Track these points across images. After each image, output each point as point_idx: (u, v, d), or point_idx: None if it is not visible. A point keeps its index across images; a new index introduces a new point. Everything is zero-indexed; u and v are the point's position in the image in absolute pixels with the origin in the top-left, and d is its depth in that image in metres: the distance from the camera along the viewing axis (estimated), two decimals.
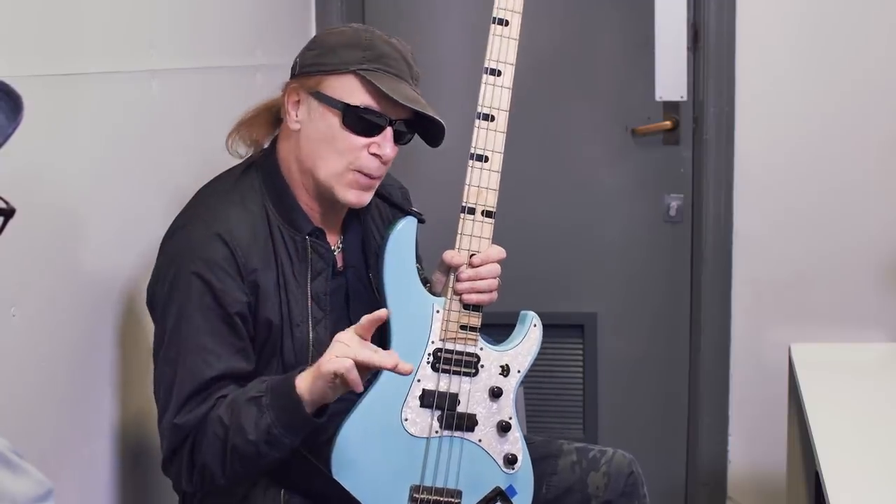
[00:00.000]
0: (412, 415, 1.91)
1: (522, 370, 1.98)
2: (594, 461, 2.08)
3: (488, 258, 1.93)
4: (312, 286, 1.91)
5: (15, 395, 1.66)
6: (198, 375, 1.80)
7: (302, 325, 1.89)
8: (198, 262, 1.81)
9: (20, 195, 1.06)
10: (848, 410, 2.32)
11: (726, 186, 3.09)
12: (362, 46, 1.86)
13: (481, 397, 1.95)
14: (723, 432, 3.18)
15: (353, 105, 1.85)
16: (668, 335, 3.27)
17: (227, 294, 1.81)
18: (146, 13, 2.11)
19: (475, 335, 1.94)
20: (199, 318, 1.81)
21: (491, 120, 1.91)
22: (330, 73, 1.86)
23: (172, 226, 1.91)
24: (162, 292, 1.85)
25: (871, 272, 3.03)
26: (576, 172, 3.26)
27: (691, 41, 3.09)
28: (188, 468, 1.83)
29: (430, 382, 1.92)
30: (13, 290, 1.64)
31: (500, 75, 1.91)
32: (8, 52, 1.60)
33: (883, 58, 2.98)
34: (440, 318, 1.92)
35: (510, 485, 1.97)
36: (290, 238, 1.90)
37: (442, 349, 1.92)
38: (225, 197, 1.91)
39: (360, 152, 1.86)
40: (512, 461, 1.96)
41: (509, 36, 1.91)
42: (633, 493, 2.07)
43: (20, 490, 1.06)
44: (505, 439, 1.96)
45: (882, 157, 2.99)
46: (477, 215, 1.93)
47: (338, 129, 1.85)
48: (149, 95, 2.12)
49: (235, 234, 1.84)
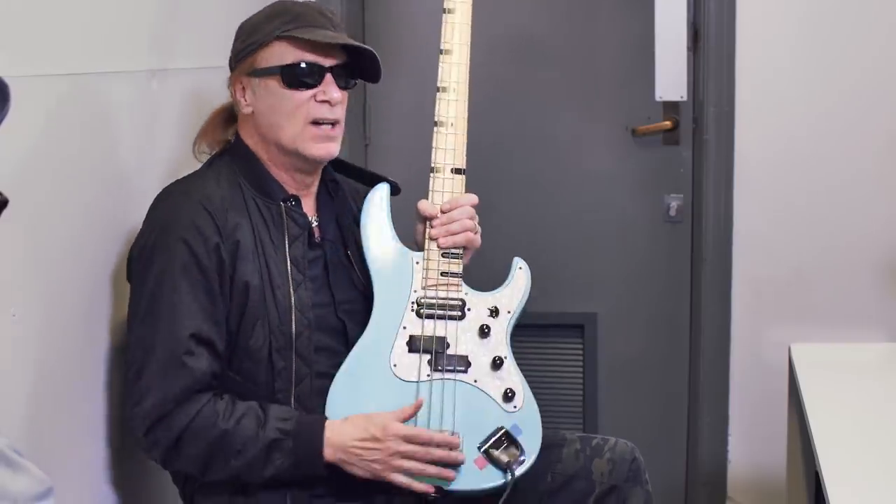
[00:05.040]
0: (401, 359, 1.95)
1: (513, 311, 2.03)
2: (598, 449, 2.10)
3: (456, 203, 2.03)
4: (290, 250, 1.96)
5: (15, 395, 1.66)
6: (177, 333, 1.84)
7: (283, 286, 1.93)
8: (179, 227, 1.88)
9: (20, 195, 1.06)
10: (848, 410, 2.32)
11: (726, 186, 3.08)
12: (277, 14, 1.98)
13: (471, 337, 1.99)
14: (723, 432, 3.18)
15: (286, 65, 1.94)
16: (668, 335, 3.26)
17: (207, 257, 1.87)
18: (146, 13, 2.11)
19: (457, 281, 2.01)
20: (180, 279, 1.86)
21: (449, 91, 2.08)
22: (258, 49, 1.96)
23: (152, 206, 1.97)
24: (144, 256, 1.90)
25: (872, 272, 3.02)
26: (576, 172, 3.25)
27: (691, 41, 3.09)
28: (167, 449, 1.86)
29: (416, 328, 1.97)
30: (13, 290, 1.64)
31: (451, 54, 2.09)
32: (8, 52, 1.60)
33: (882, 58, 2.97)
34: (420, 269, 2.00)
35: (514, 423, 1.96)
36: (265, 206, 1.97)
37: (425, 296, 1.99)
38: (199, 175, 2.00)
39: (308, 104, 1.95)
40: (510, 397, 1.96)
41: (458, 21, 2.10)
42: (636, 478, 2.09)
43: (20, 488, 1.06)
44: (500, 376, 1.97)
45: (882, 157, 2.99)
46: (446, 173, 2.05)
47: (281, 91, 1.95)
48: (149, 95, 2.12)
49: (213, 200, 1.92)
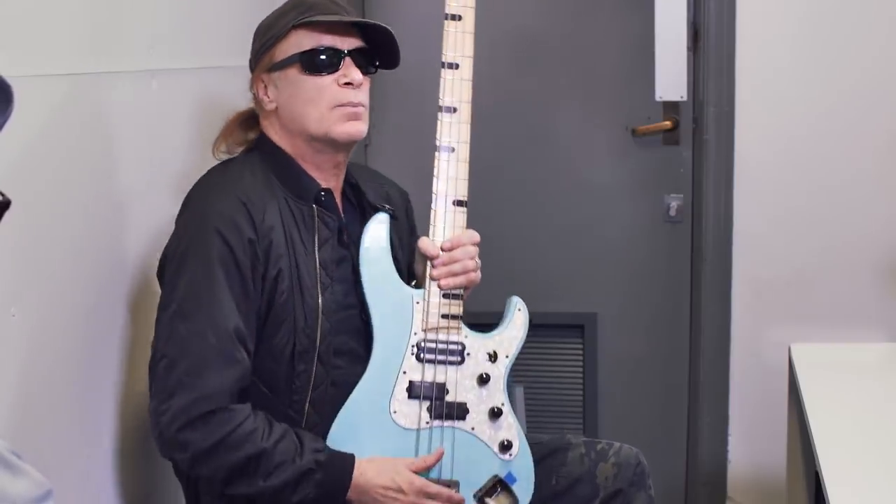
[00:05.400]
0: (401, 406, 1.92)
1: (511, 355, 1.99)
2: (602, 453, 2.10)
3: (458, 241, 1.96)
4: (320, 253, 1.94)
5: (15, 395, 1.66)
6: (218, 328, 1.81)
7: (311, 289, 1.91)
8: (215, 219, 1.86)
9: (20, 195, 1.06)
10: (848, 410, 2.32)
11: (726, 186, 3.09)
12: (292, 7, 1.97)
13: (470, 385, 1.95)
14: (723, 432, 3.18)
15: (305, 51, 1.93)
16: (668, 335, 3.26)
17: (242, 252, 1.85)
18: (146, 13, 2.11)
19: (458, 323, 1.96)
20: (218, 272, 1.83)
21: (454, 112, 1.95)
22: (275, 43, 1.96)
23: (187, 198, 1.96)
24: (179, 251, 1.87)
25: (872, 272, 3.02)
26: (576, 172, 3.26)
27: (691, 41, 3.09)
28: (201, 452, 1.82)
29: (415, 374, 1.93)
30: (13, 290, 1.64)
31: (458, 68, 1.95)
32: (8, 52, 1.59)
33: (882, 58, 2.97)
34: (421, 309, 1.95)
35: (508, 472, 1.96)
36: (297, 207, 1.94)
37: (425, 339, 1.94)
38: (236, 168, 1.98)
39: (331, 88, 1.93)
40: (507, 447, 1.96)
41: (464, 30, 1.95)
42: (640, 483, 2.09)
43: (19, 491, 1.05)
44: (498, 425, 1.96)
45: (882, 156, 2.99)
46: (448, 205, 1.96)
47: (302, 79, 1.93)
48: (149, 95, 2.12)
49: (250, 196, 1.89)
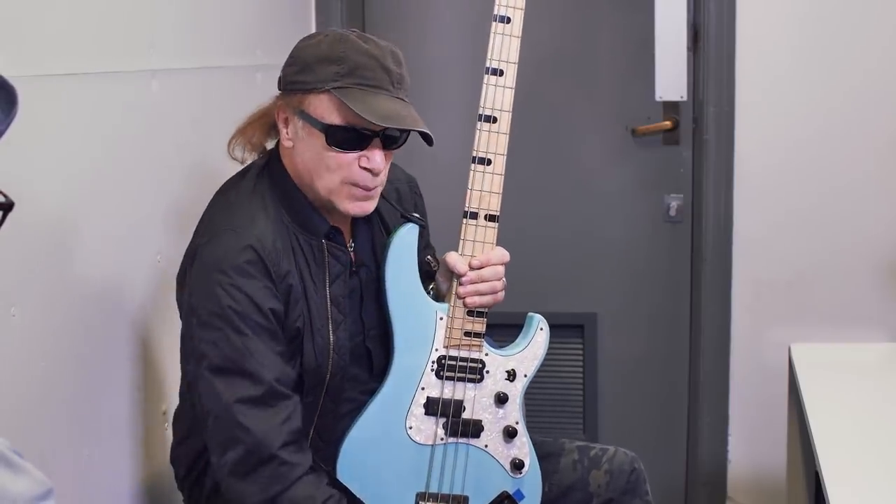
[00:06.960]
0: (417, 423, 1.90)
1: (529, 374, 1.97)
2: (595, 459, 2.09)
3: (488, 260, 1.92)
4: (331, 290, 1.90)
5: (15, 395, 1.66)
6: (256, 376, 1.79)
7: (322, 328, 1.88)
8: (235, 275, 1.79)
9: (20, 195, 1.06)
10: (848, 410, 2.32)
11: (726, 186, 3.09)
12: (336, 60, 1.82)
13: (487, 403, 1.94)
14: (723, 432, 3.18)
15: (333, 125, 1.82)
16: (668, 335, 3.26)
17: (264, 299, 1.80)
18: (146, 13, 2.11)
19: (479, 341, 1.92)
20: (243, 326, 1.79)
21: (493, 122, 1.87)
22: (309, 91, 1.83)
23: (203, 232, 1.89)
24: (201, 304, 1.82)
25: (872, 272, 3.02)
26: (576, 172, 3.26)
27: (691, 41, 3.09)
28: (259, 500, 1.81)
29: (434, 390, 1.91)
30: (13, 290, 1.64)
31: (502, 75, 1.86)
32: (8, 52, 1.59)
33: (883, 58, 2.98)
34: (444, 325, 1.91)
35: (517, 489, 1.96)
36: (307, 243, 1.89)
37: (446, 356, 1.91)
38: (248, 204, 1.89)
39: (350, 167, 1.84)
40: (519, 466, 1.95)
41: (511, 34, 1.85)
42: (635, 490, 2.07)
43: (20, 490, 1.05)
44: (512, 444, 1.95)
45: (882, 156, 2.99)
46: (480, 220, 1.90)
47: (324, 148, 1.83)
48: (149, 95, 2.12)
49: (264, 242, 1.83)
